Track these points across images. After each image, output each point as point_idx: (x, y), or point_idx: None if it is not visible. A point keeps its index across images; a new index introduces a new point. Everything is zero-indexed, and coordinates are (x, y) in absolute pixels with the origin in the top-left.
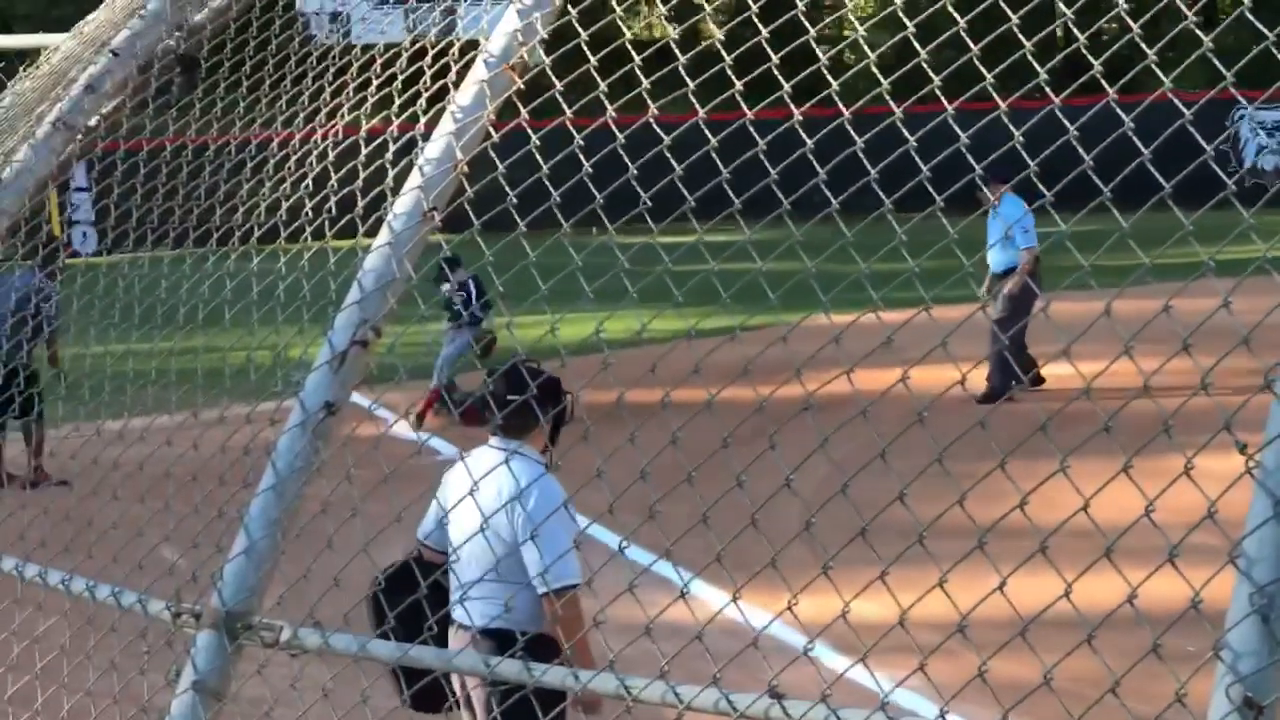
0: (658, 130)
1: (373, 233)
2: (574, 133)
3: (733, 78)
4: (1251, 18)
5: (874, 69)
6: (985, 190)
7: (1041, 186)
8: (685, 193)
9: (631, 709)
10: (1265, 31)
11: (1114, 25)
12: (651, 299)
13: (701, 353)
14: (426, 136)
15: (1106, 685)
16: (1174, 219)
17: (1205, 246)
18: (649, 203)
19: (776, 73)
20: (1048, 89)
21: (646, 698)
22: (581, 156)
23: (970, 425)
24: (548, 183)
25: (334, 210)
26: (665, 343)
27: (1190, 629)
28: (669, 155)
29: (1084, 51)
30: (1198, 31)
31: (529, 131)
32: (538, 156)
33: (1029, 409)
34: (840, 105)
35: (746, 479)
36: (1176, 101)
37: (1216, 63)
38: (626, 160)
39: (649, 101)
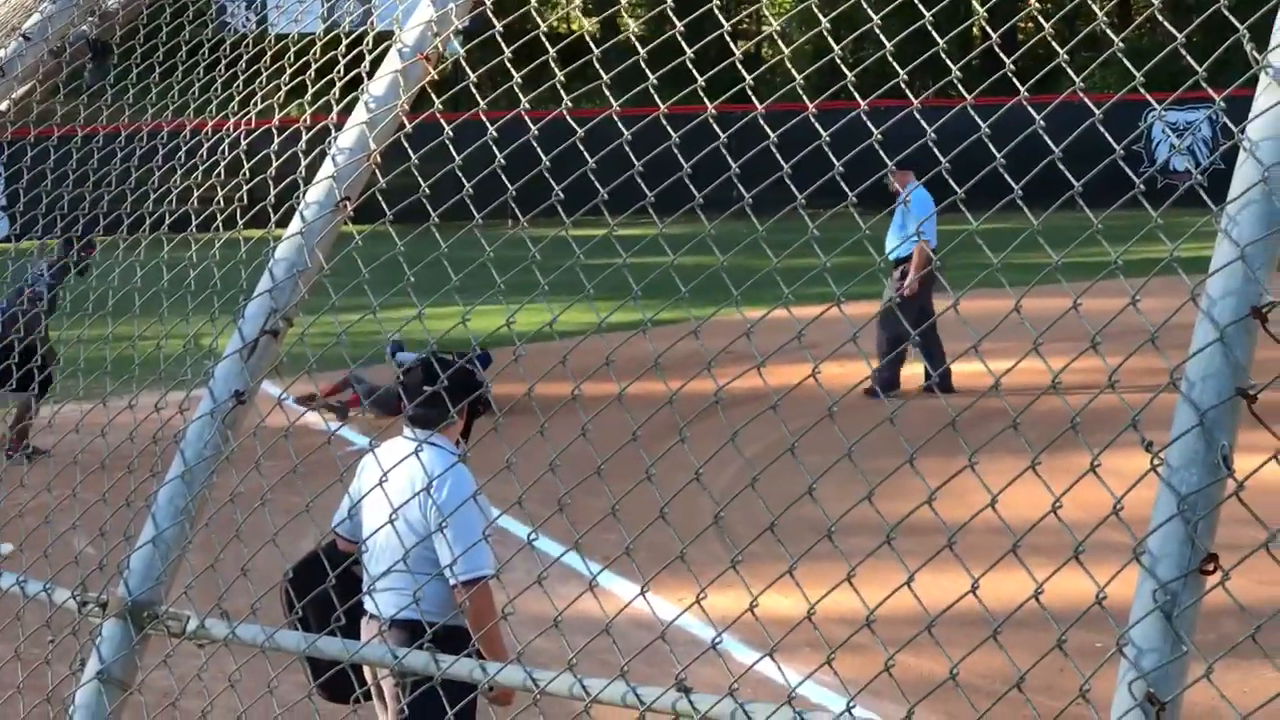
0: (571, 124)
1: (284, 222)
2: (487, 125)
3: (647, 71)
4: (1161, 18)
5: (788, 64)
6: (903, 173)
7: (953, 183)
8: (599, 186)
9: (539, 701)
10: (1174, 32)
11: (1030, 25)
12: (563, 292)
13: (612, 346)
14: (340, 126)
15: (1013, 681)
16: (1086, 219)
17: (1115, 246)
18: (561, 195)
19: (691, 67)
20: (960, 86)
21: (554, 690)
22: (495, 149)
23: (879, 421)
24: (460, 174)
25: (246, 199)
26: (576, 336)
27: (1097, 626)
28: (583, 149)
29: (996, 50)
30: (1109, 32)
31: (442, 123)
32: (450, 148)
33: (940, 406)
34: (754, 100)
35: (655, 472)
36: (1087, 101)
37: (1127, 63)
38: (540, 153)
39: (563, 94)
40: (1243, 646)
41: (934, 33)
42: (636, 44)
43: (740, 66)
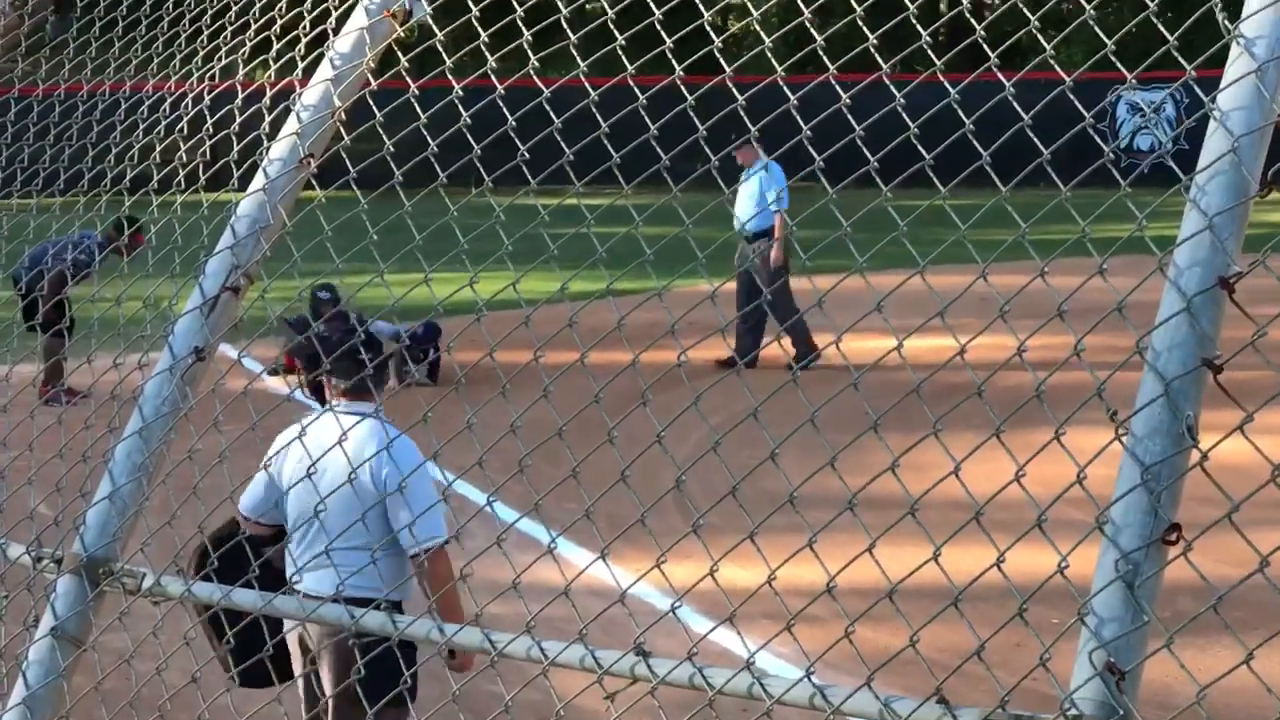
0: (540, 85)
1: (247, 182)
2: (454, 85)
3: (615, 32)
4: None
5: (758, 30)
6: (752, 146)
7: (924, 150)
8: (565, 148)
9: (496, 664)
10: (1145, 1)
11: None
12: (527, 258)
13: (574, 312)
14: (305, 85)
15: (972, 652)
16: (1051, 196)
17: (1082, 221)
18: (527, 155)
19: (660, 29)
20: (930, 54)
21: (511, 652)
22: (461, 109)
23: (843, 388)
24: (427, 136)
25: (209, 156)
26: (539, 303)
27: (1057, 602)
28: (550, 110)
29: (966, 15)
30: (1082, 1)
31: (409, 82)
32: (417, 107)
33: (903, 379)
34: (724, 65)
35: (617, 436)
36: (1057, 69)
37: (1098, 30)
38: (507, 114)
39: (530, 56)
40: (1201, 623)
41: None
42: (605, 6)
43: (709, 30)
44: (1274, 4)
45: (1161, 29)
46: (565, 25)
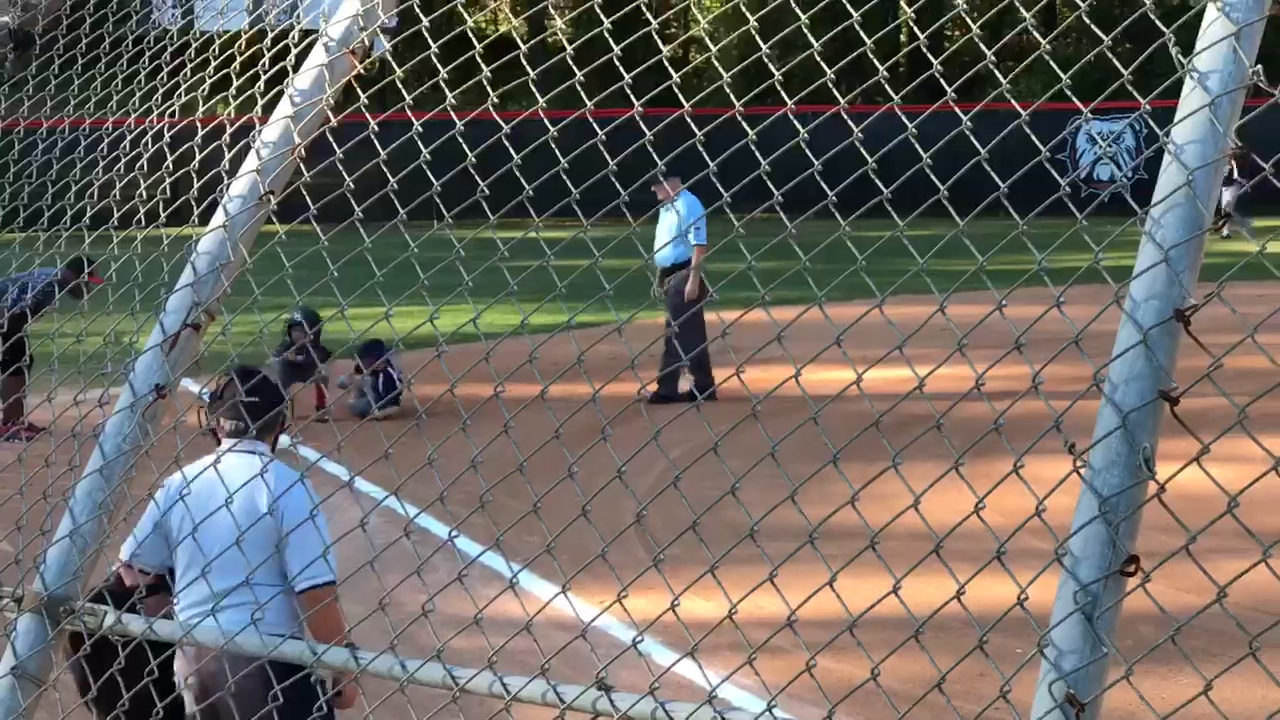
0: (499, 120)
1: (207, 219)
2: (413, 121)
3: (574, 67)
4: (1088, 20)
5: (717, 64)
6: (663, 185)
7: (881, 185)
8: (524, 183)
9: (459, 699)
10: (1100, 34)
11: (958, 33)
12: (487, 292)
13: (535, 346)
14: (265, 121)
15: (934, 684)
16: (1009, 226)
17: (1039, 253)
18: (487, 190)
19: (619, 64)
20: (887, 89)
21: (473, 688)
22: (421, 144)
23: (802, 422)
24: (386, 172)
25: (169, 193)
26: (501, 337)
27: (1018, 631)
28: (509, 145)
29: (924, 50)
30: (1034, 34)
31: (368, 119)
32: (376, 143)
33: (864, 411)
34: (682, 100)
35: (578, 471)
36: (1013, 101)
37: (1053, 65)
38: (466, 149)
39: (490, 91)
40: (1162, 652)
41: (861, 33)
42: (564, 41)
43: (668, 66)
44: (1226, 39)
45: (1116, 62)
46: (524, 60)
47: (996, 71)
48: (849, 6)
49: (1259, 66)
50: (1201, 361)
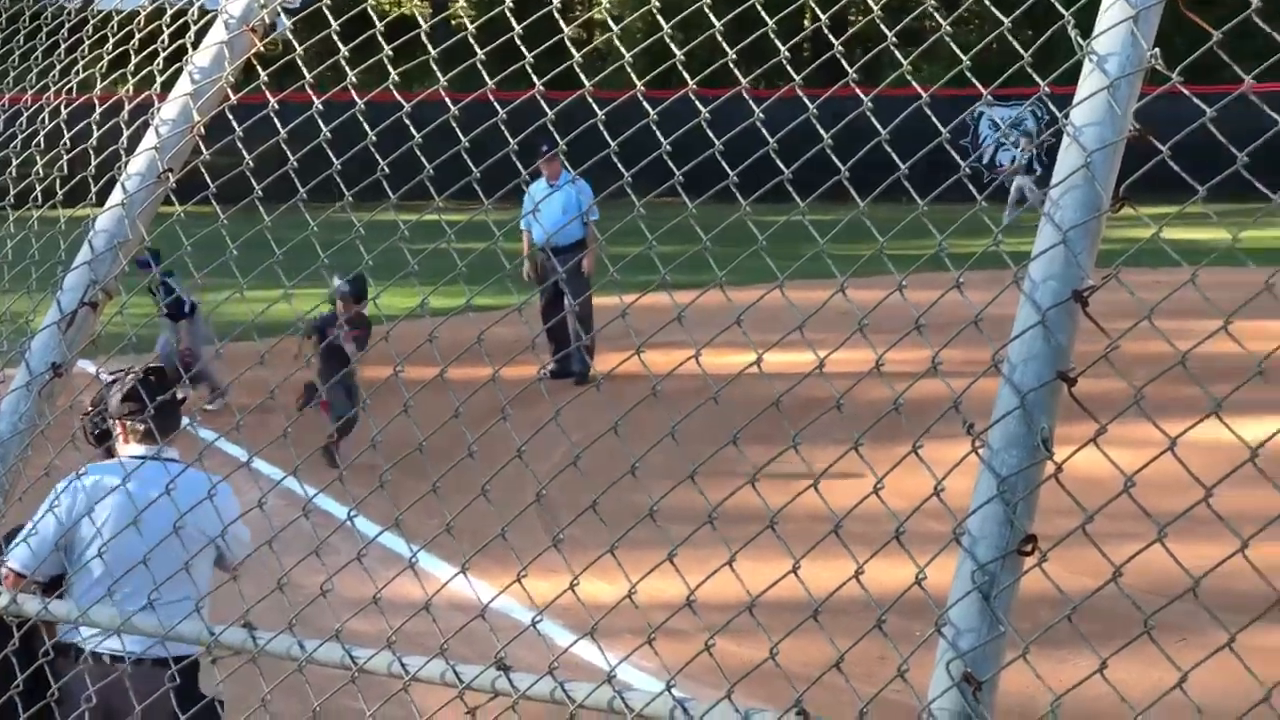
0: (400, 99)
1: (105, 197)
2: (314, 99)
3: (475, 47)
4: (988, 3)
5: (619, 45)
6: (555, 163)
7: (783, 166)
8: (425, 162)
9: (357, 679)
10: (1000, 17)
11: (859, 17)
12: (388, 273)
13: (439, 329)
14: (164, 99)
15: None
16: (910, 210)
17: (941, 237)
18: (387, 170)
19: (520, 44)
20: (789, 69)
21: (372, 668)
22: (322, 123)
23: (703, 401)
24: (286, 148)
25: (66, 171)
26: (399, 319)
27: (918, 614)
28: (410, 125)
29: (825, 32)
30: (937, 16)
31: (268, 97)
32: (276, 122)
33: (767, 392)
34: (584, 79)
35: (477, 450)
36: (915, 84)
37: (954, 47)
38: (367, 128)
39: (391, 70)
40: (1062, 634)
41: (763, 13)
42: (466, 21)
43: (569, 46)
44: (1124, 21)
45: (1016, 45)
46: (425, 40)
47: (897, 53)
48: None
49: (1157, 50)
50: (1100, 345)
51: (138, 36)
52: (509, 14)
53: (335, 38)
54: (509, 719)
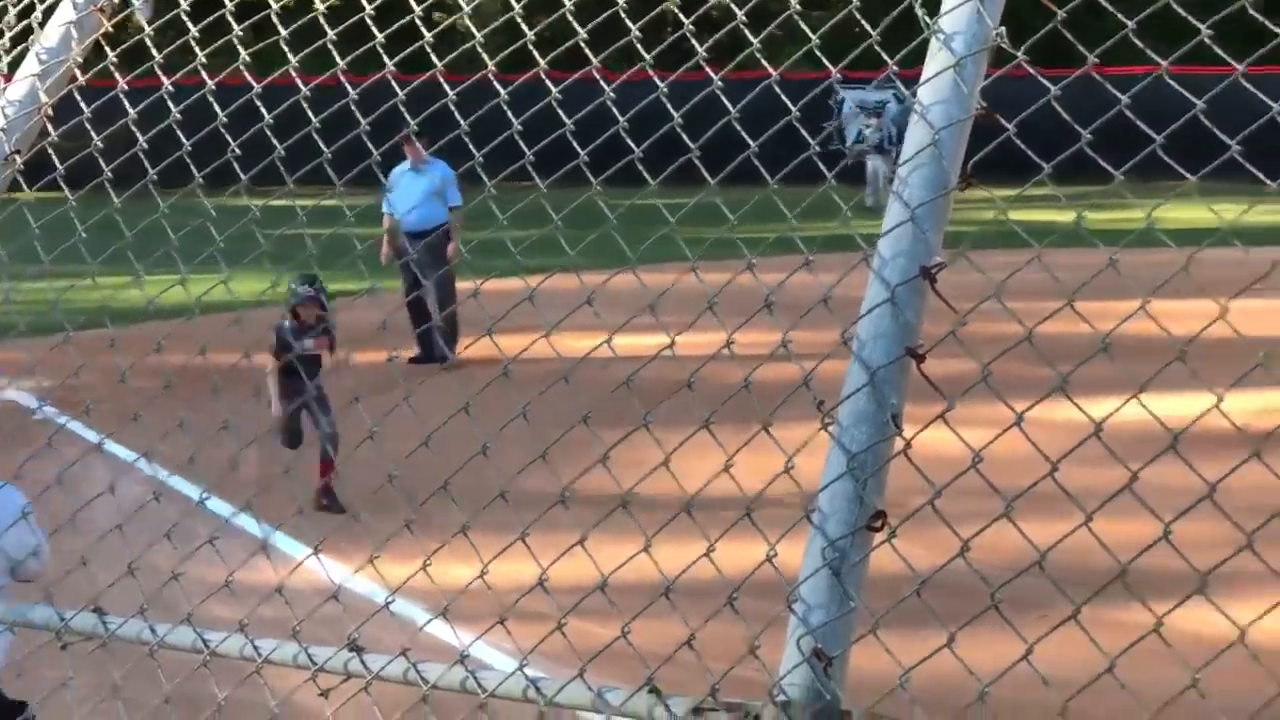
0: (251, 81)
1: None
2: (164, 81)
3: (326, 28)
4: None
5: (470, 26)
6: (416, 145)
7: (634, 145)
8: (276, 143)
9: (210, 663)
10: None
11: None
12: (240, 256)
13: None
14: (9, 80)
15: (684, 643)
16: (766, 194)
17: (799, 220)
18: (238, 151)
19: (372, 25)
20: (641, 50)
21: (225, 651)
22: (172, 105)
23: (554, 381)
24: (136, 130)
25: None
26: (250, 306)
27: (771, 593)
28: (261, 107)
29: (676, 12)
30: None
31: (118, 79)
32: (126, 104)
33: (618, 374)
34: (435, 60)
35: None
36: (767, 67)
37: (804, 27)
38: (218, 110)
39: (241, 51)
40: (914, 611)
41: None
42: (317, 2)
43: (420, 27)
44: (971, 0)
45: (866, 26)
46: (276, 21)
47: (748, 33)
48: None
49: (1003, 28)
50: (954, 327)
51: None
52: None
53: (185, 18)
54: (364, 701)
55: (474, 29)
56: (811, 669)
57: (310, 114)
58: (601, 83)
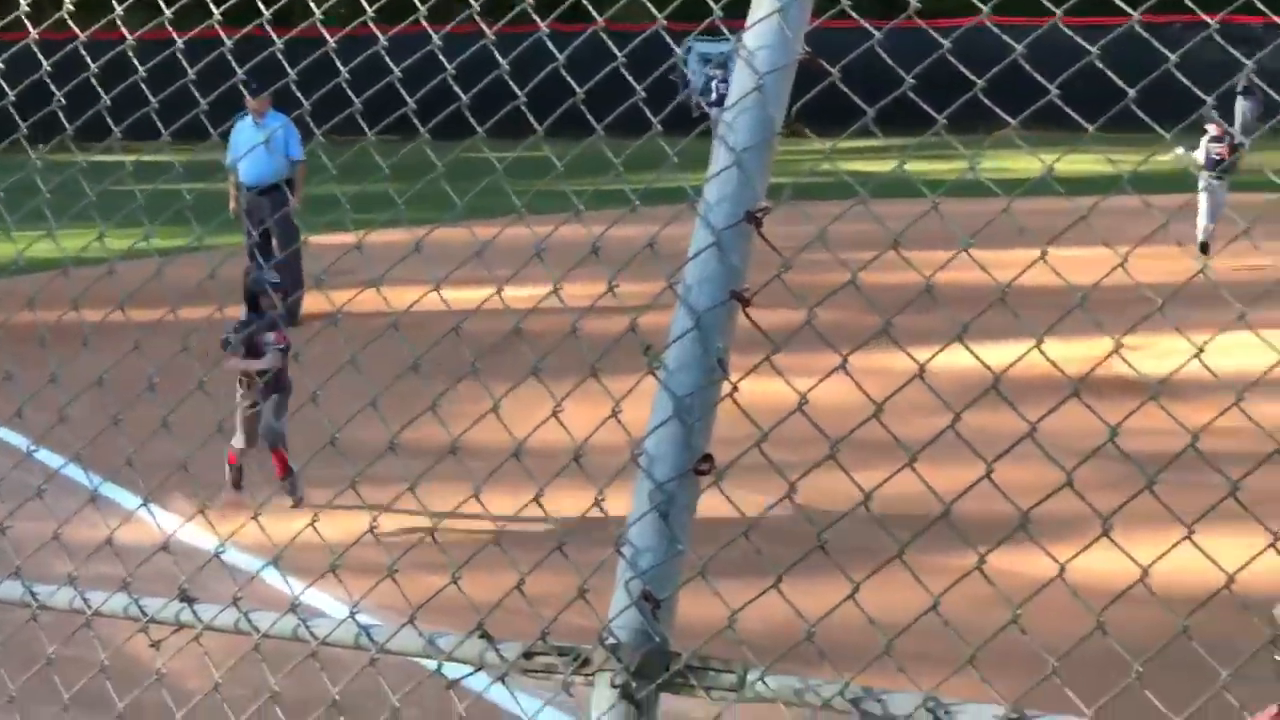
0: (125, 34)
1: None
2: (29, 28)
3: None
4: None
5: None
6: (262, 102)
7: (461, 92)
8: (103, 94)
9: (38, 617)
10: None
11: None
12: (111, 211)
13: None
14: None
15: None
16: (618, 149)
17: (641, 174)
18: (63, 101)
19: None
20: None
21: (54, 604)
22: (42, 57)
23: (378, 334)
24: (3, 83)
25: None
26: (120, 259)
27: (602, 535)
28: (136, 60)
29: None
30: None
31: None
32: None
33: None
34: (263, 8)
35: (158, 380)
36: (596, 17)
37: None
38: (90, 62)
39: (116, 6)
40: (747, 559)
41: None
42: None
43: None
44: None
45: None
46: None
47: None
48: None
49: None
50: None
51: None
52: None
53: None
54: (196, 651)
55: None
56: (640, 612)
57: (137, 64)
58: (432, 34)
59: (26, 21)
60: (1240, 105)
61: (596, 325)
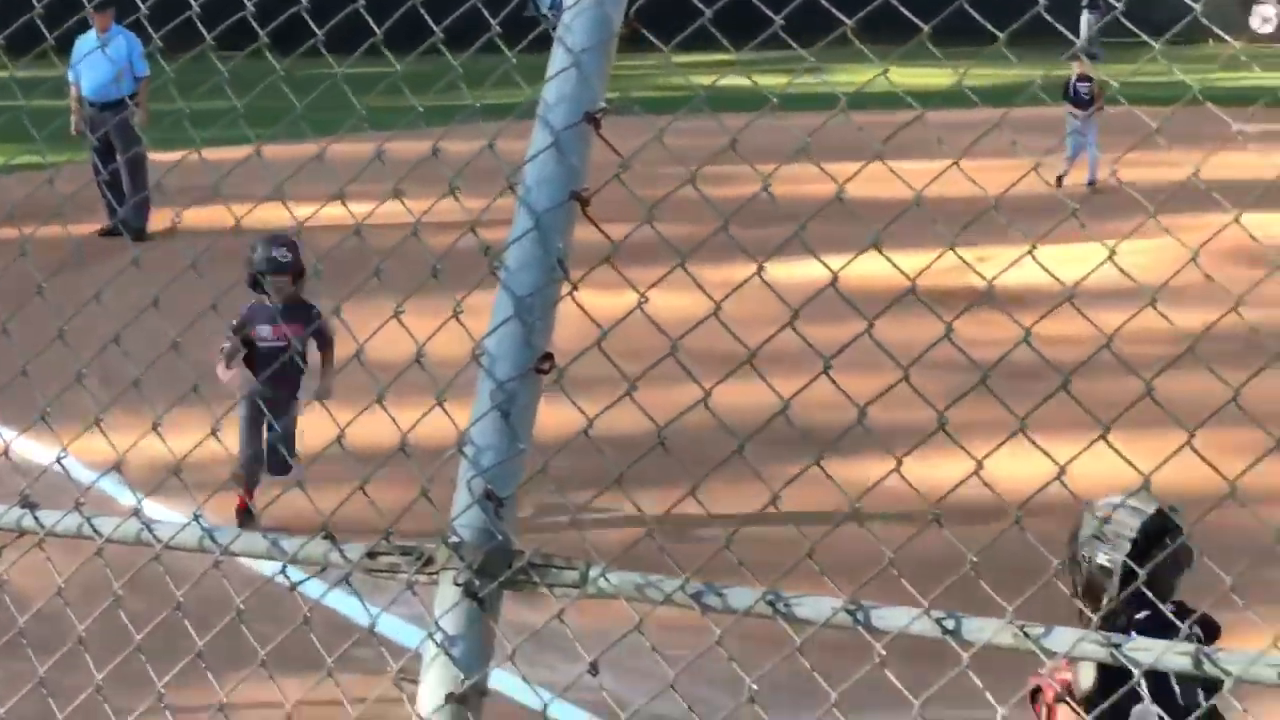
0: None
1: None
2: None
3: None
4: None
5: None
6: (101, 16)
7: (313, 25)
8: None
9: None
10: None
11: None
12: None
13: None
14: None
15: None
16: (449, 66)
17: (487, 90)
18: None
19: None
20: None
21: None
22: None
23: (188, 265)
24: None
25: None
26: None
27: (448, 436)
28: None
29: None
30: None
31: None
32: None
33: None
34: None
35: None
36: None
37: None
38: None
39: None
40: (588, 459)
41: None
42: None
43: None
44: None
45: None
46: None
47: None
48: None
49: None
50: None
51: None
52: None
53: None
54: (37, 557)
55: None
56: (482, 510)
57: None
58: None
59: None
60: (1085, 19)
61: (441, 240)
